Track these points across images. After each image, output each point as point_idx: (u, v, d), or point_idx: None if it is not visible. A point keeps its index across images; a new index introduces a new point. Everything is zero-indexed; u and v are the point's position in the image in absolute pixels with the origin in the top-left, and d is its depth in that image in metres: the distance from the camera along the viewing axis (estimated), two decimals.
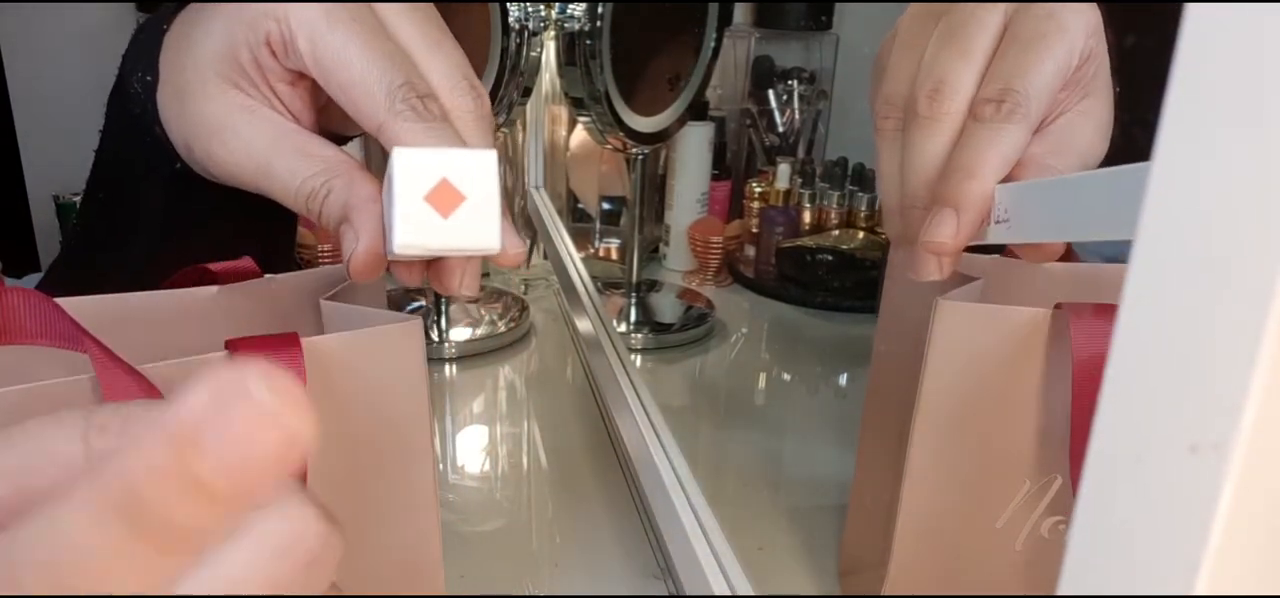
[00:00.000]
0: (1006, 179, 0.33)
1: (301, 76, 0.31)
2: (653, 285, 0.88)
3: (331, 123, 0.34)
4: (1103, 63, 0.35)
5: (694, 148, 0.89)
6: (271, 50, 0.30)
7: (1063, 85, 0.33)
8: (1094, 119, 0.35)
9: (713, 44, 0.72)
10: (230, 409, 0.12)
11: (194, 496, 0.12)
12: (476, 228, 0.24)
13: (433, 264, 0.31)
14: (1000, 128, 0.32)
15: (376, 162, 0.64)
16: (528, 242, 0.95)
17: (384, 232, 0.29)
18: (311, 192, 0.30)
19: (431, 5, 0.33)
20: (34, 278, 0.49)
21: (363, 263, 0.29)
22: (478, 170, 0.24)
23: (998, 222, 0.32)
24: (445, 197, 0.24)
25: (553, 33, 0.69)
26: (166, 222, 0.41)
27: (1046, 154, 0.33)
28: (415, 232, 0.25)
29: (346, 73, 0.29)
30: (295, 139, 0.32)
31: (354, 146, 0.35)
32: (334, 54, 0.29)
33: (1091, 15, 0.34)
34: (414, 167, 0.24)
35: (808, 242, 0.87)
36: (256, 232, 0.42)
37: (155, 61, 0.35)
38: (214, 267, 0.36)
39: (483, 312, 0.81)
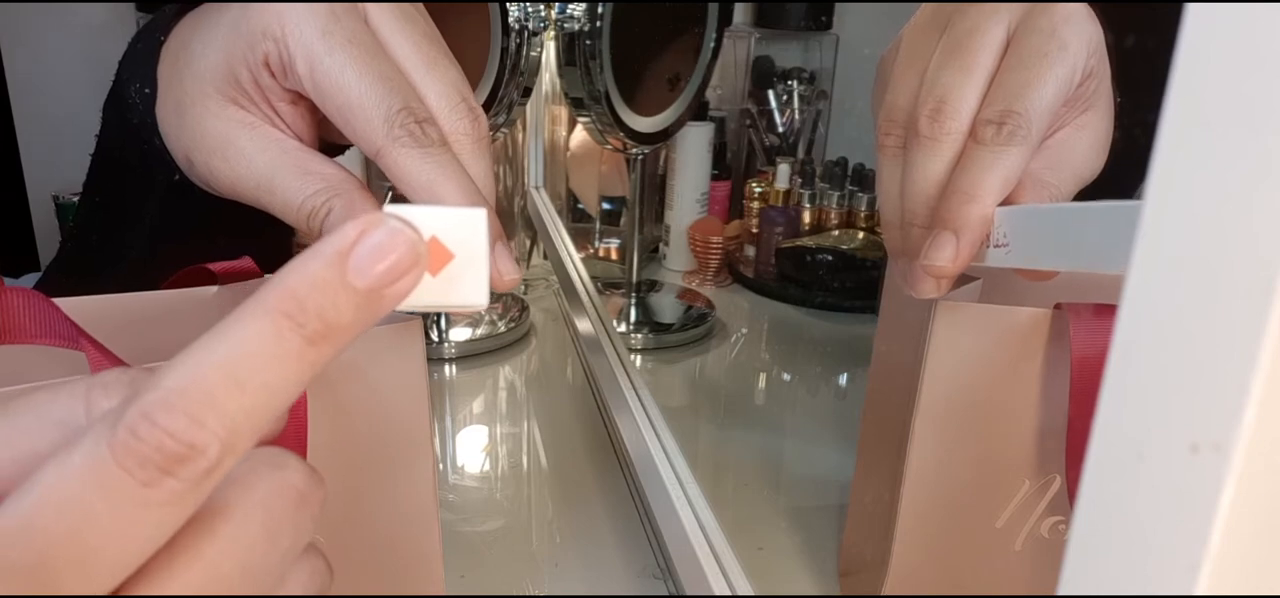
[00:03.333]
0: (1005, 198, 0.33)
1: (302, 96, 0.31)
2: (653, 285, 0.88)
3: (331, 134, 0.34)
4: (1104, 79, 0.34)
5: (694, 148, 0.89)
6: (270, 71, 0.30)
7: (1063, 103, 0.33)
8: (1092, 132, 0.35)
9: (713, 44, 0.72)
10: (374, 228, 0.18)
11: (342, 296, 0.17)
12: (465, 286, 0.24)
13: None
14: (1001, 150, 0.32)
15: (377, 176, 0.64)
16: (528, 243, 0.95)
17: None
18: (313, 210, 0.30)
19: (430, 22, 0.33)
20: (32, 278, 0.49)
21: None
22: (467, 229, 0.24)
23: (997, 245, 0.32)
24: (434, 255, 0.24)
25: (553, 33, 0.69)
26: (163, 228, 0.40)
27: (1043, 170, 0.33)
28: None
29: (344, 97, 0.29)
30: (296, 157, 0.31)
31: (353, 159, 0.35)
32: (332, 78, 0.29)
33: (1094, 33, 0.33)
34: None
35: (808, 242, 0.87)
36: (253, 241, 0.42)
37: (153, 73, 0.34)
38: (214, 267, 0.36)
39: (483, 312, 0.81)
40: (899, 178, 0.35)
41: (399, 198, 0.30)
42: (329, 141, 0.35)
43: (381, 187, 0.69)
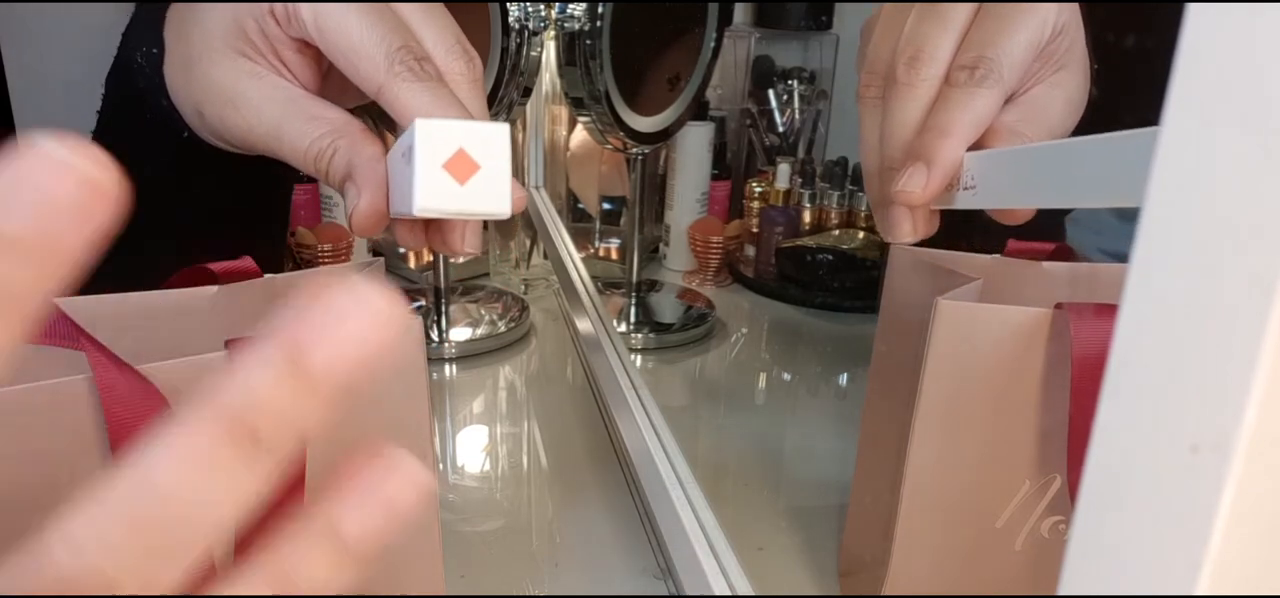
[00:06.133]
0: (978, 146, 0.34)
1: (307, 44, 0.32)
2: (653, 285, 0.88)
3: (332, 94, 0.35)
4: (1077, 37, 0.36)
5: (694, 148, 0.89)
6: (275, 19, 0.32)
7: (1036, 56, 0.35)
8: (1065, 91, 0.36)
9: (713, 44, 0.72)
10: (342, 303, 0.14)
11: (302, 403, 0.14)
12: (489, 194, 0.26)
13: (433, 224, 0.33)
14: (973, 92, 0.33)
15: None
16: (528, 243, 0.95)
17: (387, 190, 0.31)
18: (319, 152, 0.32)
19: None
20: None
21: (364, 217, 0.31)
22: (493, 141, 0.26)
23: (966, 188, 0.33)
24: (462, 165, 0.25)
25: (553, 33, 0.69)
26: (160, 194, 0.41)
27: (1018, 122, 0.35)
28: (434, 196, 0.27)
29: (347, 39, 0.31)
30: (303, 103, 0.33)
31: None
32: (335, 22, 0.31)
33: None
34: (434, 136, 0.26)
35: (808, 241, 0.87)
36: (251, 200, 0.43)
37: (160, 34, 0.36)
38: (214, 266, 0.36)
39: (483, 312, 0.81)
40: (879, 127, 0.36)
41: None
42: (332, 102, 0.36)
43: None
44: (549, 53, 0.74)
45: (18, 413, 0.26)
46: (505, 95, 0.65)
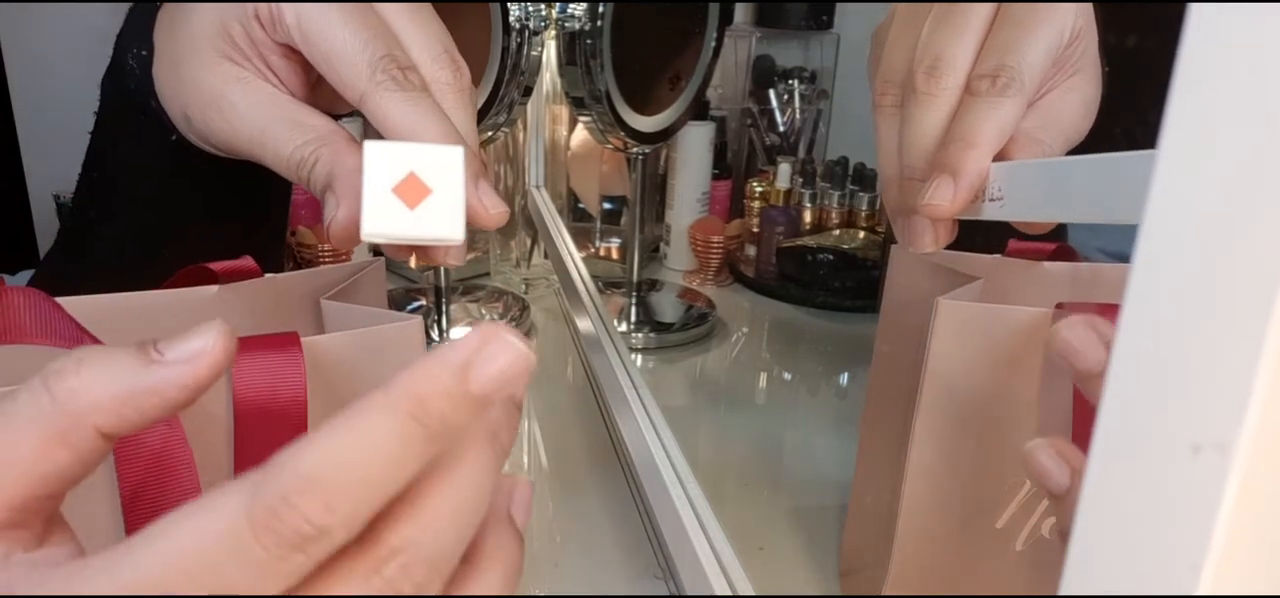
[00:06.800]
0: (998, 154, 0.33)
1: (293, 49, 0.32)
2: (653, 285, 0.88)
3: (322, 101, 0.35)
4: (1091, 42, 0.36)
5: (695, 147, 0.89)
6: (260, 23, 0.31)
7: (1053, 62, 0.34)
8: (1080, 96, 0.36)
9: (713, 43, 0.72)
10: (492, 341, 0.19)
11: (462, 402, 0.18)
12: (441, 220, 0.25)
13: None
14: (996, 101, 0.33)
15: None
16: (529, 242, 0.95)
17: None
18: (301, 160, 0.31)
19: None
20: (27, 275, 0.49)
21: (341, 229, 0.30)
22: (445, 165, 0.25)
23: (992, 199, 0.33)
24: (412, 189, 0.24)
25: (553, 32, 0.69)
26: (158, 195, 0.41)
27: (1035, 128, 0.34)
28: (382, 221, 0.26)
29: (330, 45, 0.30)
30: (287, 109, 0.32)
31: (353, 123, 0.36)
32: (319, 28, 0.30)
33: None
34: (383, 159, 0.25)
35: (808, 241, 0.87)
36: (248, 201, 0.42)
37: (150, 36, 0.35)
38: (214, 266, 0.36)
39: (483, 311, 0.81)
40: (897, 135, 0.36)
41: None
42: (322, 109, 0.36)
43: None
44: (549, 52, 0.74)
45: None
46: (506, 95, 0.65)
